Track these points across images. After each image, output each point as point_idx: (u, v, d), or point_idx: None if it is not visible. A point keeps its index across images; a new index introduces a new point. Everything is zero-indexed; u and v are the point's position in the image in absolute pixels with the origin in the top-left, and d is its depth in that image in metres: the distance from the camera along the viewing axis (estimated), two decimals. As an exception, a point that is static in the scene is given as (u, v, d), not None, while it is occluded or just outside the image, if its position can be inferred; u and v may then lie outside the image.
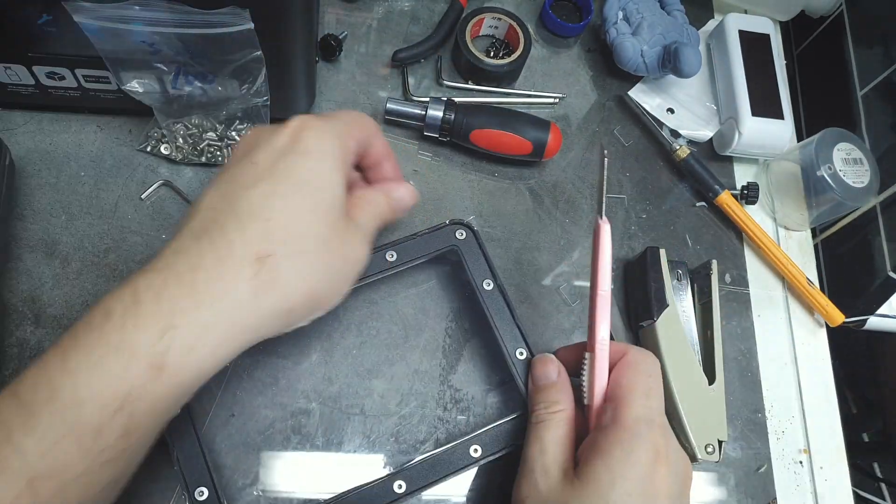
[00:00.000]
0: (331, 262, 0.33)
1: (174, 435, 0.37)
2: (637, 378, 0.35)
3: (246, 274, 0.29)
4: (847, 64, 0.62)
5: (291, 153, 0.32)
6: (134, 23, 0.36)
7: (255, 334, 0.30)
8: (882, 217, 0.55)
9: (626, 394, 0.34)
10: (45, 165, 0.46)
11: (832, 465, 0.49)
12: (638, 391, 0.34)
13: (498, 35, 0.58)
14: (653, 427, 0.33)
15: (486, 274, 0.44)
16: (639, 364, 0.36)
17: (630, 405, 0.33)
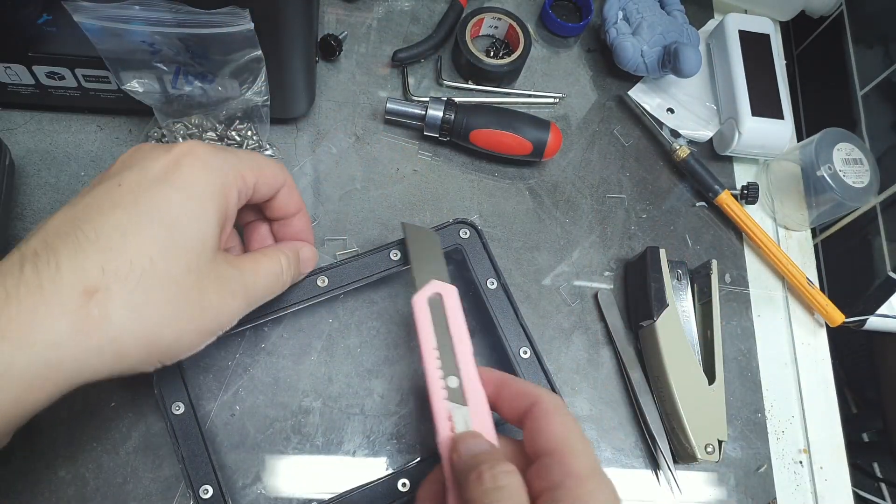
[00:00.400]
0: (182, 310, 0.29)
1: (179, 433, 0.37)
2: (567, 421, 0.32)
3: (69, 307, 0.26)
4: (847, 64, 0.62)
5: (163, 183, 0.29)
6: (134, 23, 0.36)
7: (77, 376, 0.27)
8: (882, 217, 0.55)
9: (564, 443, 0.31)
10: (45, 165, 0.46)
11: (832, 465, 0.49)
12: (575, 438, 0.31)
13: (498, 35, 0.58)
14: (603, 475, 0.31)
15: (489, 273, 0.44)
16: (560, 407, 0.32)
17: (578, 455, 0.30)
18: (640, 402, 0.46)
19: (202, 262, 0.30)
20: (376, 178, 0.51)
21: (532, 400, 0.33)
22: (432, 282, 0.38)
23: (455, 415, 0.34)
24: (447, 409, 0.34)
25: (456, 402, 0.34)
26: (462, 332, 0.36)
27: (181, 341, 0.30)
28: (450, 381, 0.35)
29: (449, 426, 0.34)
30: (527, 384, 0.34)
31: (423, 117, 0.50)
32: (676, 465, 0.45)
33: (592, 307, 0.50)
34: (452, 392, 0.35)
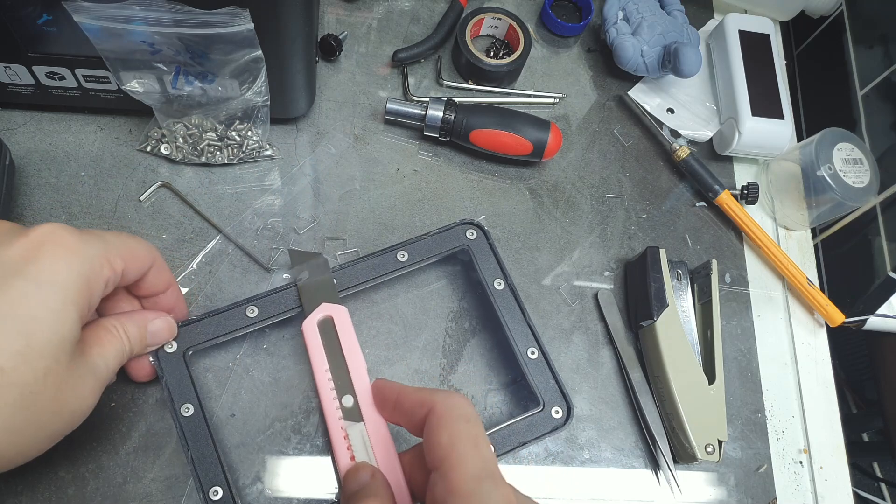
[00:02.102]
0: (35, 417, 0.27)
1: (188, 435, 0.37)
2: (458, 428, 0.28)
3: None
4: (847, 64, 0.62)
5: (18, 276, 0.27)
6: (134, 23, 0.36)
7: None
8: (882, 217, 0.55)
9: (450, 453, 0.28)
10: (45, 165, 0.46)
11: (832, 465, 0.49)
12: (464, 444, 0.28)
13: (498, 35, 0.58)
14: (497, 482, 0.27)
15: (497, 273, 0.44)
16: (453, 411, 0.29)
17: (459, 465, 0.27)
18: (640, 402, 0.46)
19: (60, 365, 0.28)
20: (376, 178, 0.51)
21: (427, 408, 0.30)
22: (322, 305, 0.38)
23: (351, 433, 0.34)
24: (342, 429, 0.34)
25: (352, 420, 0.34)
26: (354, 350, 0.36)
27: (31, 448, 0.29)
28: (345, 400, 0.35)
29: (346, 445, 0.34)
30: (423, 392, 0.32)
31: (423, 117, 0.50)
32: (676, 465, 0.45)
33: (592, 307, 0.50)
34: (348, 411, 0.35)
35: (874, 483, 1.02)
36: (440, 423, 0.29)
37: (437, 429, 0.29)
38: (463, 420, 0.29)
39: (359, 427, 0.34)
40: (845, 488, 0.49)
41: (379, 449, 0.34)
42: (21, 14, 0.38)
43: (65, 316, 0.28)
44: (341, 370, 0.36)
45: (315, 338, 0.37)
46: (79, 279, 0.29)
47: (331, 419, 0.35)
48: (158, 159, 0.48)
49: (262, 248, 0.46)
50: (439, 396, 0.30)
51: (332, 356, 0.37)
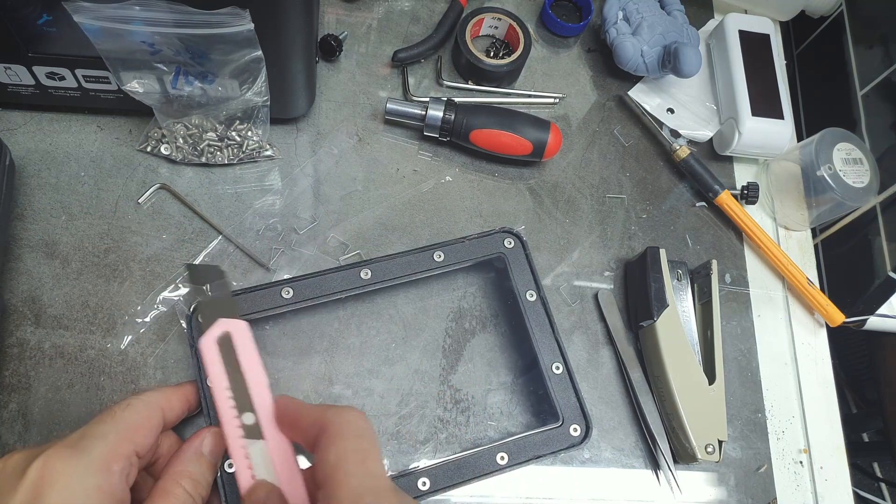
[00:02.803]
0: None
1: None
2: (345, 445, 0.28)
3: None
4: (847, 64, 0.62)
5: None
6: (134, 23, 0.36)
7: None
8: (882, 217, 0.55)
9: (335, 470, 0.27)
10: (45, 165, 0.46)
11: (832, 465, 0.49)
12: (350, 461, 0.28)
13: (498, 35, 0.58)
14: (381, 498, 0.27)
15: (530, 285, 0.45)
16: (343, 428, 0.29)
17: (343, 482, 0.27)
18: (640, 402, 0.46)
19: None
20: (376, 178, 0.51)
21: (319, 426, 0.30)
22: (219, 321, 0.36)
23: (251, 451, 0.33)
24: (242, 447, 0.33)
25: (253, 438, 0.33)
26: (255, 366, 0.35)
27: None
28: (245, 417, 0.34)
29: (246, 465, 0.33)
30: (318, 409, 0.31)
31: (424, 117, 0.50)
32: (676, 465, 0.45)
33: (592, 307, 0.50)
34: (249, 429, 0.34)
35: (874, 483, 1.02)
36: (330, 441, 0.29)
37: (327, 446, 0.28)
38: (353, 436, 0.29)
39: (259, 445, 0.33)
40: (845, 488, 0.49)
41: (282, 467, 0.33)
42: (21, 14, 0.38)
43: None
44: (241, 387, 0.34)
45: (214, 354, 0.35)
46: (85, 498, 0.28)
47: (231, 438, 0.33)
48: (158, 159, 0.48)
49: (262, 249, 0.46)
50: (331, 413, 0.30)
51: (232, 373, 0.35)
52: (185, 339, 0.42)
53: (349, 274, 0.43)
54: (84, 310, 0.43)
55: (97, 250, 0.44)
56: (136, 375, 0.41)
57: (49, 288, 0.43)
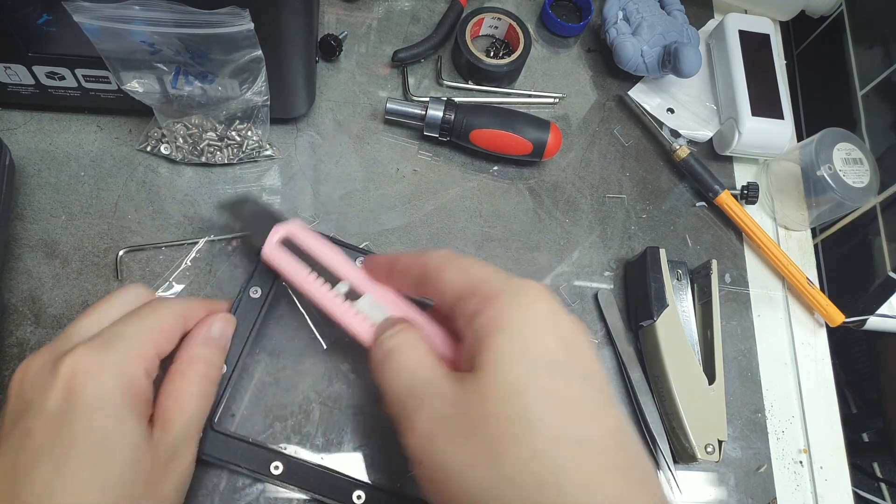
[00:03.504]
0: None
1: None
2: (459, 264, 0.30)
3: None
4: (847, 64, 0.62)
5: (68, 415, 0.28)
6: (134, 23, 0.36)
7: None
8: (882, 217, 0.55)
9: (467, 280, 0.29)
10: (45, 165, 0.46)
11: (832, 465, 0.49)
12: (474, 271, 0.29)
13: (498, 35, 0.58)
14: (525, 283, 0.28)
15: None
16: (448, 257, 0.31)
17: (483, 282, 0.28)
18: (640, 402, 0.46)
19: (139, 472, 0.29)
20: (376, 178, 0.51)
21: (421, 264, 0.31)
22: (273, 228, 0.37)
23: (360, 305, 0.34)
24: (350, 309, 0.34)
25: (354, 299, 0.34)
26: (324, 247, 0.36)
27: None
28: (339, 287, 0.35)
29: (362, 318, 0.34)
30: (413, 253, 0.33)
31: (423, 117, 0.50)
32: (676, 465, 0.45)
33: (592, 307, 0.50)
34: (349, 294, 0.35)
35: (874, 483, 1.02)
36: (442, 267, 0.30)
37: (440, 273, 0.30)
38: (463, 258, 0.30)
39: (365, 298, 0.34)
40: (845, 488, 0.49)
41: (394, 308, 0.34)
42: (21, 14, 0.38)
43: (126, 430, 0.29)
44: (322, 268, 0.36)
45: (283, 255, 0.36)
46: (121, 391, 0.29)
47: (334, 307, 0.34)
48: (158, 159, 0.48)
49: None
50: (429, 252, 0.32)
51: (308, 262, 0.36)
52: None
53: None
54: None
55: (97, 250, 0.44)
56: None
57: (49, 288, 0.43)
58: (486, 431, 0.25)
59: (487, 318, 0.27)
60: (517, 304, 0.27)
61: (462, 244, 0.50)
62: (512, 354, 0.26)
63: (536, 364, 0.26)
